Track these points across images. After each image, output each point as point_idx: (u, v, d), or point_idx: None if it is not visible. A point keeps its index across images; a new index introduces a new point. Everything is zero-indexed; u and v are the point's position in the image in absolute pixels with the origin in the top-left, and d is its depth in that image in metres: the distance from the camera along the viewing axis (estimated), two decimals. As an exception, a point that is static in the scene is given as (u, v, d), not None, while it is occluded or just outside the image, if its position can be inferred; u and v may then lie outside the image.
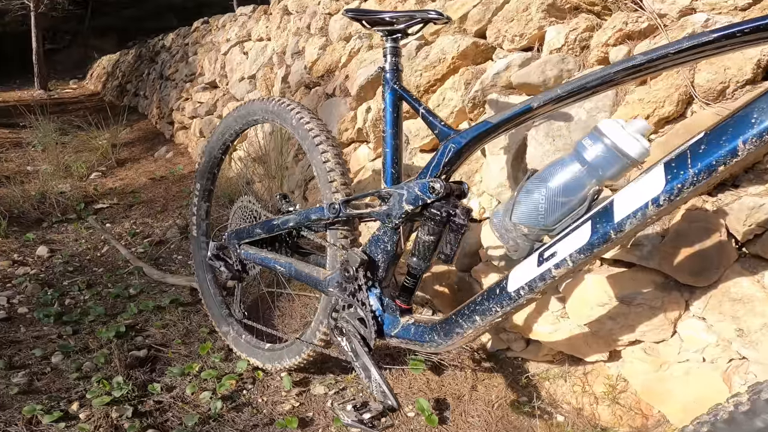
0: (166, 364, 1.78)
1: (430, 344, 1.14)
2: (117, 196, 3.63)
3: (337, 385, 1.66)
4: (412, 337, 1.18)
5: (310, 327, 1.49)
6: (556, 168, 0.94)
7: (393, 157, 1.28)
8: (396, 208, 1.18)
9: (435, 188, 1.11)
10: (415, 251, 1.18)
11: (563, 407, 1.53)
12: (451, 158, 1.13)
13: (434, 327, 1.14)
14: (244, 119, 1.76)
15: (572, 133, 1.47)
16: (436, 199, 1.12)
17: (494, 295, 1.01)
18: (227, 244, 1.72)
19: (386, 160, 1.28)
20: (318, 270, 1.40)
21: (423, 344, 1.16)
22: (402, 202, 1.17)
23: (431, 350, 1.17)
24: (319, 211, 1.35)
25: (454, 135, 1.14)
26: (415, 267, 1.19)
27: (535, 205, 0.94)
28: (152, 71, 6.63)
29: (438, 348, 1.14)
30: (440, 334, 1.12)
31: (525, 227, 0.96)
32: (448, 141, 1.14)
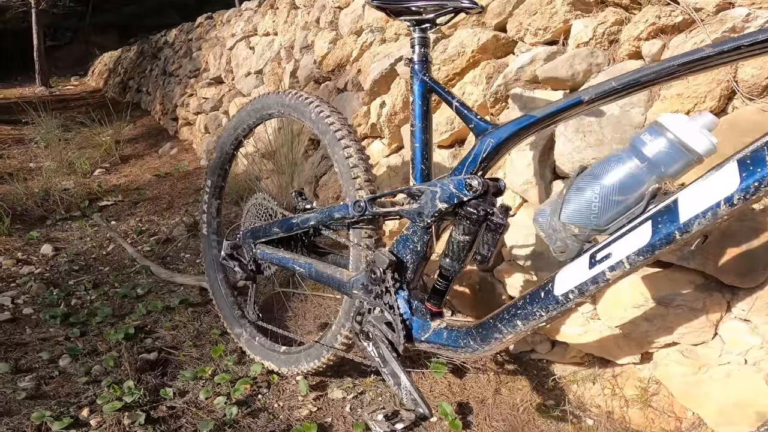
0: (178, 368, 1.71)
1: (465, 350, 1.07)
2: (122, 193, 3.54)
3: (356, 389, 1.58)
4: (444, 342, 1.11)
5: (331, 330, 1.42)
6: (611, 164, 0.86)
7: (423, 153, 1.20)
8: (428, 207, 1.10)
9: (472, 185, 1.03)
10: (449, 252, 1.10)
11: (592, 410, 1.46)
12: (489, 154, 1.05)
13: (469, 332, 1.07)
14: (258, 113, 1.67)
15: (604, 128, 1.39)
16: (472, 197, 1.04)
17: (538, 298, 0.94)
18: (242, 243, 1.64)
19: (415, 156, 1.20)
20: (341, 271, 1.33)
21: (457, 350, 1.09)
22: (435, 200, 1.09)
23: (466, 356, 1.10)
24: (343, 209, 1.27)
25: (493, 129, 1.06)
26: (448, 268, 1.11)
27: (587, 203, 0.87)
28: (155, 67, 6.53)
29: (474, 354, 1.06)
30: (476, 339, 1.05)
31: (576, 227, 0.89)
32: (485, 136, 1.06)
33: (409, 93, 1.25)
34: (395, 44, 2.28)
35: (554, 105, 0.95)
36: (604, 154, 1.43)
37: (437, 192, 1.09)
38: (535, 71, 1.59)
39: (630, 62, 1.44)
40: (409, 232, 1.17)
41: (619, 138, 1.37)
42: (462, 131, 1.82)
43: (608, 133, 1.38)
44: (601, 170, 0.87)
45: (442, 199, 1.08)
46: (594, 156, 1.39)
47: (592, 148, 1.40)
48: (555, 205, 0.91)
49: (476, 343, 1.05)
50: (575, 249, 0.90)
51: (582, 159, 1.41)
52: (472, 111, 1.13)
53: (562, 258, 0.93)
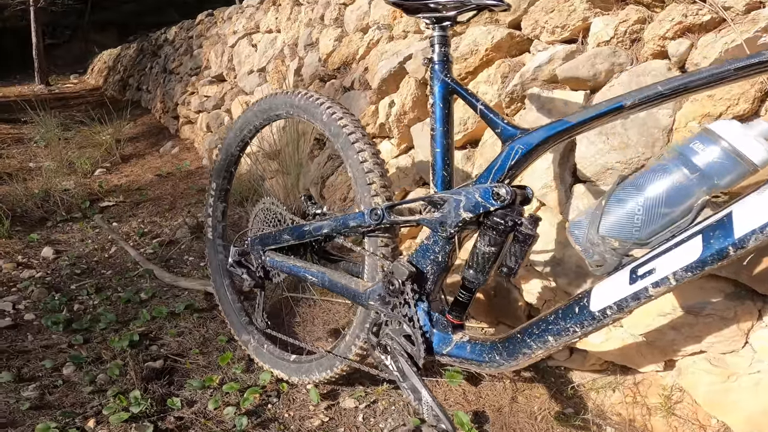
0: (185, 376, 1.64)
1: (490, 364, 1.01)
2: (123, 193, 3.46)
3: (368, 397, 1.52)
4: (468, 356, 1.04)
5: (344, 341, 1.35)
6: (656, 174, 0.80)
7: (444, 158, 1.13)
8: (451, 216, 1.04)
9: (500, 194, 0.97)
10: (473, 263, 1.04)
11: (612, 419, 1.40)
12: (518, 161, 0.99)
13: (494, 345, 1.00)
14: (266, 114, 1.60)
15: (628, 131, 1.33)
16: (500, 207, 0.98)
17: (572, 314, 0.88)
18: (250, 250, 1.57)
19: (436, 162, 1.14)
20: (356, 281, 1.26)
21: (481, 364, 1.03)
22: (459, 209, 1.02)
23: (490, 371, 1.04)
24: (358, 217, 1.21)
25: (522, 135, 0.99)
26: (471, 280, 1.05)
27: (629, 216, 0.81)
28: (155, 65, 6.43)
29: (499, 369, 1.00)
30: (502, 354, 0.98)
31: (615, 240, 0.82)
32: (514, 141, 1.00)
33: (423, 86, 1.18)
34: (403, 42, 2.21)
35: (592, 110, 0.89)
36: (629, 158, 1.38)
37: (461, 201, 1.02)
38: (554, 71, 1.52)
39: (655, 62, 1.37)
40: (429, 241, 1.10)
41: (645, 141, 1.30)
42: (476, 132, 1.75)
43: (633, 136, 1.32)
44: (645, 180, 0.81)
45: (467, 208, 1.01)
46: (618, 159, 1.33)
47: (616, 152, 1.34)
48: (593, 217, 0.85)
49: (502, 357, 0.98)
50: (613, 263, 0.84)
51: (606, 162, 1.35)
52: (499, 115, 1.06)
53: (599, 272, 0.86)
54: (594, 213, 0.85)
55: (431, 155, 1.14)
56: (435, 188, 1.13)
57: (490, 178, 1.02)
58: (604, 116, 0.87)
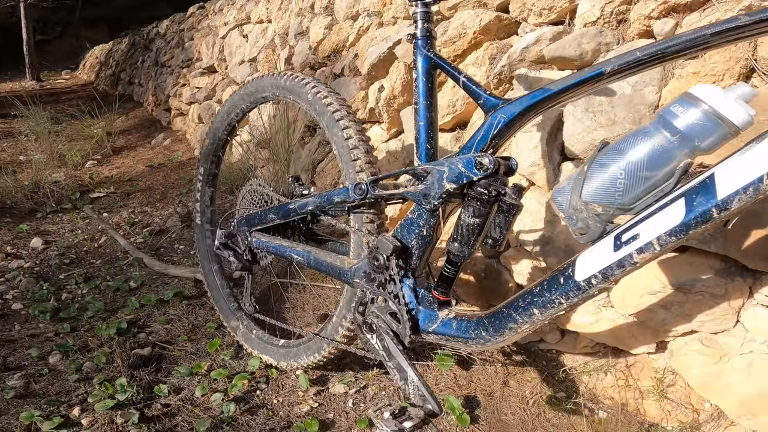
0: (173, 363, 1.63)
1: (476, 341, 1.00)
2: (114, 184, 3.44)
3: (358, 383, 1.51)
4: (454, 333, 1.03)
5: (332, 322, 1.34)
6: (638, 138, 0.79)
7: (428, 132, 1.12)
8: (435, 188, 1.03)
9: (483, 164, 0.96)
10: (457, 236, 1.03)
11: (605, 403, 1.39)
12: (500, 130, 0.98)
13: (480, 321, 0.99)
14: (252, 97, 1.59)
15: (615, 108, 1.32)
16: (483, 177, 0.96)
17: (557, 284, 0.87)
18: (236, 231, 1.56)
19: (420, 135, 1.13)
20: (341, 259, 1.25)
21: (467, 341, 1.02)
22: (442, 181, 1.01)
23: (476, 348, 1.02)
24: (342, 192, 1.20)
25: (504, 105, 0.98)
26: (456, 254, 1.03)
27: (611, 180, 0.79)
28: (147, 59, 6.39)
29: (485, 345, 0.99)
30: (488, 330, 0.97)
31: (598, 206, 0.81)
32: (496, 111, 0.99)
33: (412, 70, 1.18)
34: (393, 28, 2.20)
35: (572, 78, 0.88)
36: (616, 134, 1.37)
37: (444, 172, 1.01)
38: (542, 51, 1.51)
39: (641, 41, 1.36)
40: (414, 215, 1.09)
41: (632, 118, 1.30)
42: (464, 114, 1.74)
43: (620, 113, 1.31)
44: (627, 145, 0.80)
45: (450, 179, 1.00)
46: (605, 136, 1.32)
47: (603, 129, 1.33)
48: (575, 182, 0.84)
49: (488, 333, 0.97)
50: (597, 230, 0.83)
51: (593, 139, 1.34)
52: (481, 86, 1.05)
53: (582, 240, 0.85)
54: (576, 178, 0.84)
55: (415, 128, 1.13)
56: (419, 161, 1.12)
57: (473, 149, 1.01)
58: (585, 83, 0.86)
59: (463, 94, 1.72)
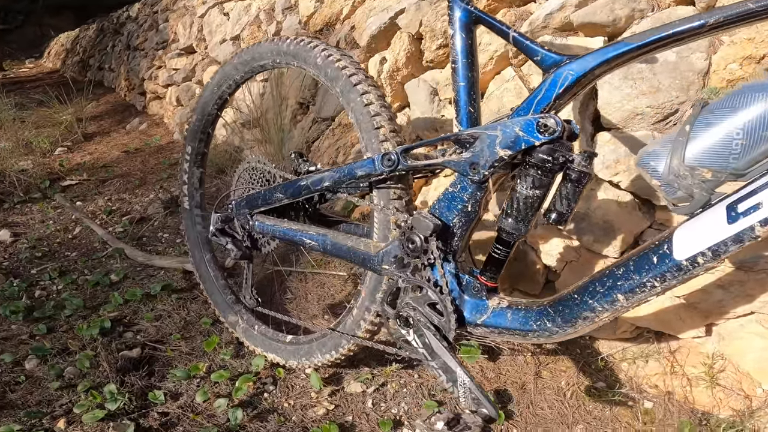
0: (166, 365, 1.43)
1: (539, 334, 0.84)
2: (87, 171, 3.15)
3: (375, 380, 1.34)
4: (509, 326, 0.87)
5: (351, 316, 1.16)
6: (756, 92, 0.63)
7: (469, 93, 0.94)
8: (485, 155, 0.85)
9: (548, 126, 0.79)
10: (511, 210, 0.85)
11: (649, 392, 1.26)
12: (567, 88, 0.81)
13: (544, 311, 0.83)
14: (248, 66, 1.38)
15: (658, 75, 1.17)
16: (547, 141, 0.79)
17: (649, 265, 0.70)
18: (235, 214, 1.36)
19: (460, 97, 0.94)
20: (365, 242, 1.07)
21: (527, 334, 0.85)
22: (494, 147, 0.84)
23: (538, 341, 0.86)
24: (367, 164, 1.01)
25: (569, 61, 0.81)
26: (510, 231, 0.86)
27: (725, 141, 0.64)
28: (117, 43, 6.01)
29: (550, 338, 0.83)
30: (555, 320, 0.81)
31: (707, 171, 0.65)
32: (560, 68, 0.82)
33: (448, 25, 0.99)
34: (392, -3, 2.00)
35: (665, 29, 0.71)
36: (661, 102, 1.22)
37: (497, 136, 0.84)
38: (568, 17, 1.35)
39: (680, 8, 1.21)
40: (455, 188, 0.91)
41: (678, 85, 1.16)
42: (482, 83, 1.56)
43: (665, 80, 1.17)
44: (741, 100, 0.64)
45: (505, 144, 0.83)
46: (649, 104, 1.18)
47: (646, 96, 1.18)
48: (675, 145, 0.67)
49: (555, 324, 0.81)
50: (702, 200, 0.67)
51: (634, 108, 1.20)
52: (536, 42, 0.88)
53: (682, 212, 0.69)
54: (676, 140, 0.68)
55: (454, 90, 0.95)
56: (460, 126, 0.94)
57: (531, 110, 0.83)
58: (676, 37, 0.70)
59: (481, 60, 1.54)
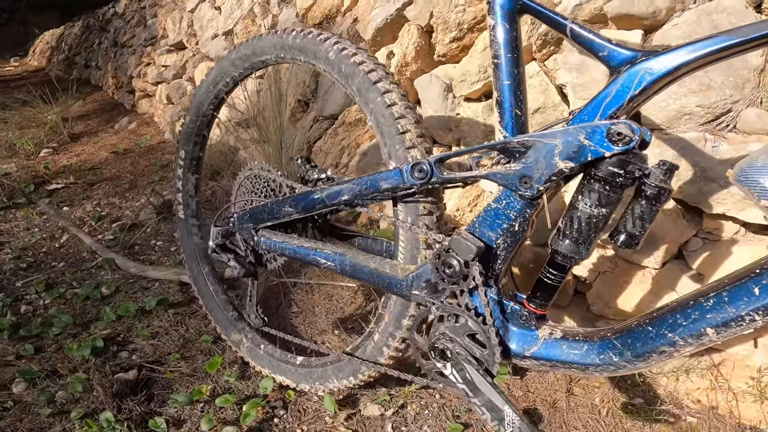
0: (166, 389, 1.29)
1: (604, 368, 0.71)
2: (74, 174, 2.96)
3: (394, 402, 1.21)
4: (565, 359, 0.74)
5: (372, 341, 1.03)
6: None
7: (515, 93, 0.80)
8: (540, 167, 0.72)
9: (621, 134, 0.66)
10: (570, 230, 0.73)
11: (691, 407, 1.15)
12: (644, 89, 0.67)
13: (609, 343, 0.70)
14: (248, 61, 1.23)
15: (708, 73, 1.06)
16: (620, 152, 0.66)
17: (750, 296, 0.58)
18: (237, 229, 1.22)
19: (504, 98, 0.81)
20: (391, 265, 0.93)
21: (587, 368, 0.73)
22: (553, 158, 0.70)
23: (601, 375, 0.74)
24: (394, 176, 0.87)
25: (645, 58, 0.68)
26: (568, 255, 0.74)
27: None
28: (104, 40, 5.75)
29: (616, 372, 0.71)
30: (623, 354, 0.69)
31: None
32: (635, 66, 0.68)
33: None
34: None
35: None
36: (713, 101, 1.09)
37: (556, 146, 0.70)
38: (601, 8, 1.22)
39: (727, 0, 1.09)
40: (500, 204, 0.78)
41: (732, 83, 1.04)
42: (497, 80, 1.42)
43: (717, 77, 1.06)
44: None
45: (566, 155, 0.70)
46: (699, 103, 1.06)
47: (695, 95, 1.06)
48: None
49: (623, 358, 0.69)
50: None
51: (681, 107, 1.08)
52: (600, 34, 0.74)
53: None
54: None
55: (496, 90, 0.81)
56: (505, 132, 0.80)
57: (598, 115, 0.70)
58: None
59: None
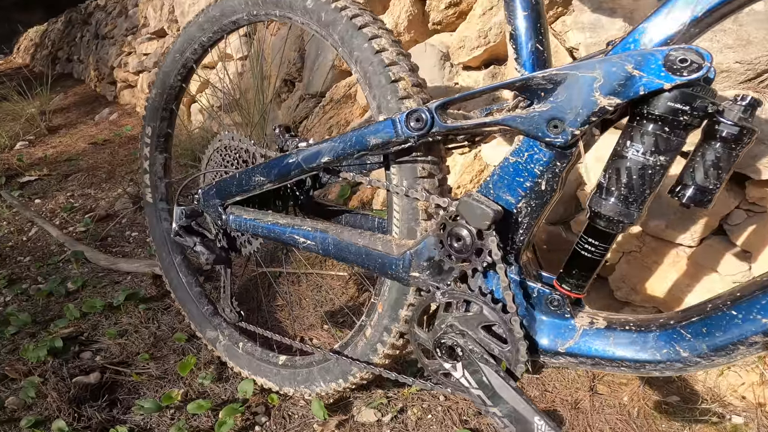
0: (132, 393, 1.11)
1: (668, 365, 0.53)
2: (48, 165, 2.75)
3: (392, 405, 1.03)
4: (614, 354, 0.56)
5: (364, 336, 0.84)
6: None
7: (535, 25, 0.62)
8: (574, 106, 0.54)
9: (687, 60, 0.48)
10: (615, 186, 0.55)
11: (735, 404, 0.98)
12: (714, 8, 0.50)
13: (674, 333, 0.53)
14: (217, 23, 1.05)
15: (744, 27, 0.93)
16: (683, 83, 0.48)
17: None
18: (203, 206, 1.03)
19: (517, 32, 0.62)
20: (382, 240, 0.74)
21: (644, 365, 0.55)
22: (592, 93, 0.52)
23: (663, 374, 0.59)
24: (385, 128, 0.68)
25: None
26: (613, 218, 0.55)
27: None
28: (86, 33, 5.50)
29: (685, 370, 0.56)
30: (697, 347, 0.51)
31: None
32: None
33: None
34: None
35: None
36: (754, 57, 0.91)
37: (595, 78, 0.52)
38: None
39: None
40: (521, 158, 0.60)
41: None
42: (498, 47, 1.25)
43: (756, 33, 0.90)
44: None
45: (609, 88, 0.51)
46: (738, 59, 0.90)
47: (732, 51, 0.90)
48: None
49: (696, 352, 0.51)
50: None
51: (717, 64, 0.93)
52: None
53: None
54: None
55: (509, 23, 0.63)
56: (523, 70, 0.62)
57: (647, 41, 0.52)
58: None
59: (498, 20, 1.22)
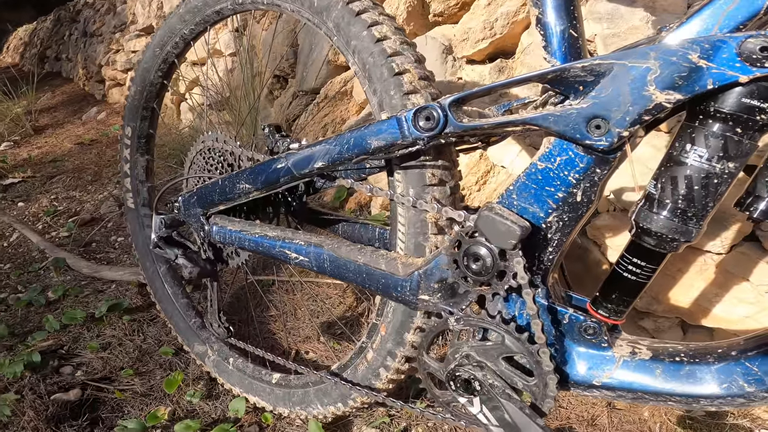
0: (115, 411, 1.01)
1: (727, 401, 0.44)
2: (33, 167, 2.62)
3: (395, 425, 0.94)
4: (659, 388, 0.47)
5: (366, 360, 0.75)
6: None
7: (566, 8, 0.52)
8: (622, 102, 0.44)
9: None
10: (670, 198, 0.45)
11: (763, 418, 0.89)
12: None
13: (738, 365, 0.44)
14: (200, 14, 0.94)
15: None
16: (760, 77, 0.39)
17: None
18: (183, 215, 0.92)
19: (545, 17, 0.53)
20: (385, 257, 0.65)
21: (697, 401, 0.46)
22: (645, 86, 0.43)
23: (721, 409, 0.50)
24: (389, 128, 0.58)
25: None
26: (665, 235, 0.46)
27: None
28: (74, 31, 5.34)
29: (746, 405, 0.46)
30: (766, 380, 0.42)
31: None
32: None
33: None
34: None
35: None
36: None
37: (649, 69, 0.43)
38: None
39: None
40: (552, 163, 0.50)
41: None
42: (507, 37, 1.15)
43: None
44: None
45: (667, 81, 0.42)
46: None
47: None
48: None
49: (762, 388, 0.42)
50: None
51: None
52: None
53: None
54: None
55: (536, 7, 0.53)
56: (554, 60, 0.52)
57: (715, 27, 0.42)
58: None
59: (504, 11, 1.12)
